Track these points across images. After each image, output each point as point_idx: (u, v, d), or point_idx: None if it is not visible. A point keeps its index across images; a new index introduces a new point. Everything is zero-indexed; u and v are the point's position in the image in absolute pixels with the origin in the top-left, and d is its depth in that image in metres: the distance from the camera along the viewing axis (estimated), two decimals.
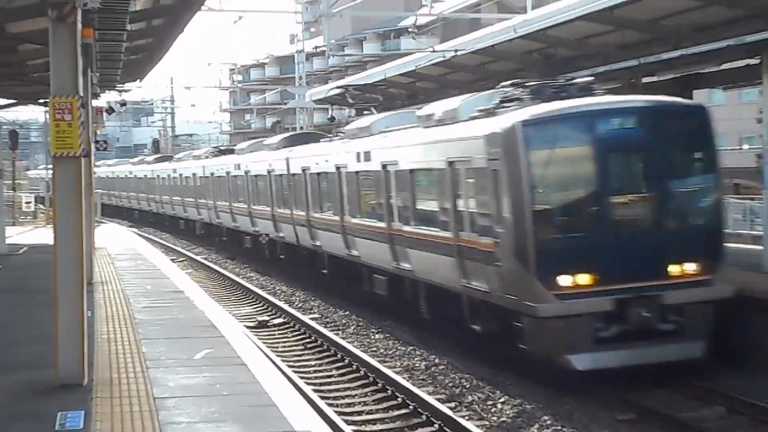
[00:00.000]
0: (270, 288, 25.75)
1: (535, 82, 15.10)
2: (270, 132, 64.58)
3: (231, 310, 21.14)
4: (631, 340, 13.09)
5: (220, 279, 27.94)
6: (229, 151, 38.46)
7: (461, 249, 15.23)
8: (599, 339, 13.04)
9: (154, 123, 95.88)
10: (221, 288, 26.12)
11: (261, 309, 22.24)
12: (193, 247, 39.50)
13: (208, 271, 30.14)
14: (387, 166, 18.68)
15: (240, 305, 22.98)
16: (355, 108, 26.64)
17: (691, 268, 13.54)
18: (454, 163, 15.35)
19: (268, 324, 20.12)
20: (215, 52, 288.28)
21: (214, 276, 28.76)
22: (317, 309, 21.83)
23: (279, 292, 24.92)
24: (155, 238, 42.10)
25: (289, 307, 21.60)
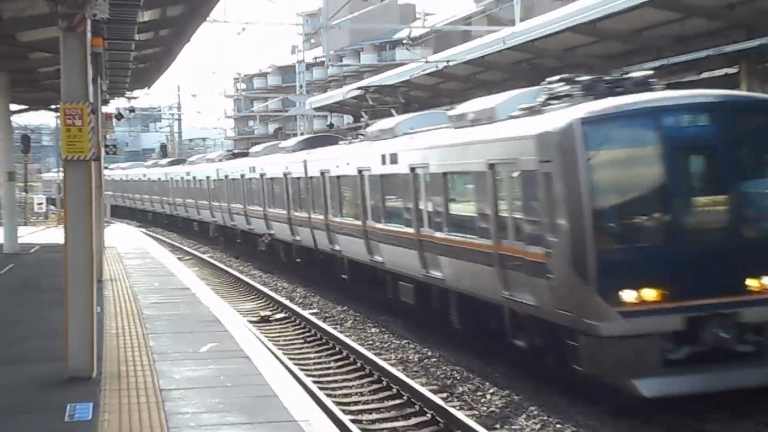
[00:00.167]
0: (272, 285, 25.69)
1: (588, 77, 13.06)
2: (272, 137, 64.59)
3: (235, 305, 21.08)
4: (705, 364, 11.10)
5: (225, 276, 27.87)
6: (243, 154, 37.16)
7: (503, 258, 13.23)
8: (668, 362, 11.03)
9: (161, 128, 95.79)
10: (226, 285, 26.05)
11: (263, 305, 22.19)
12: (200, 246, 39.43)
13: (214, 269, 30.08)
14: (416, 169, 16.73)
15: (243, 301, 22.92)
16: (366, 111, 24.89)
17: None
18: (496, 165, 13.34)
19: (270, 319, 20.08)
20: (220, 62, 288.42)
21: (219, 273, 28.69)
22: (317, 304, 21.78)
23: (280, 288, 24.87)
24: (163, 238, 42.02)
25: (290, 302, 21.55)
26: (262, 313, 20.49)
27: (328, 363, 15.63)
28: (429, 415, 11.75)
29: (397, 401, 12.72)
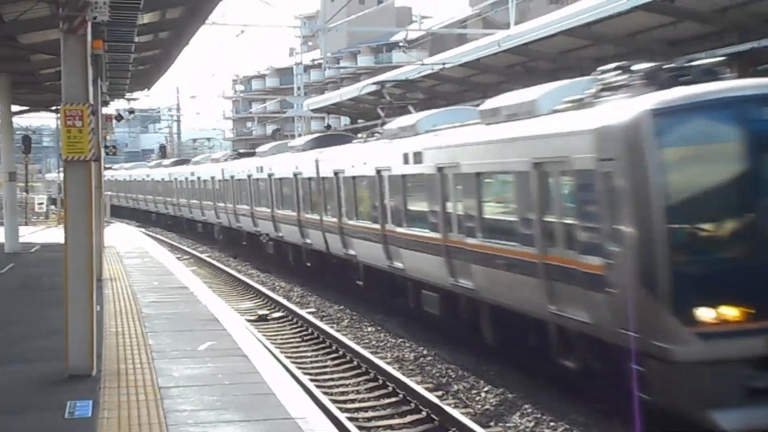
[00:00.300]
0: (269, 284, 25.69)
1: (647, 65, 11.24)
2: (270, 139, 64.59)
3: (233, 304, 21.08)
4: None
5: (223, 276, 27.87)
6: (250, 153, 35.76)
7: (550, 269, 11.67)
8: (752, 391, 9.50)
9: (160, 129, 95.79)
10: (224, 284, 26.05)
11: (261, 304, 22.19)
12: (198, 245, 39.42)
13: (212, 268, 30.07)
14: (443, 169, 15.21)
15: (241, 300, 22.92)
16: (382, 108, 23.53)
17: None
18: (543, 164, 11.77)
19: (268, 318, 20.09)
20: (219, 64, 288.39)
21: (218, 273, 28.69)
22: (314, 303, 21.79)
23: (278, 287, 24.87)
24: (162, 238, 42.00)
25: (287, 301, 21.56)
26: (260, 312, 20.49)
27: (325, 361, 15.64)
28: (424, 412, 11.77)
29: (392, 399, 12.74)
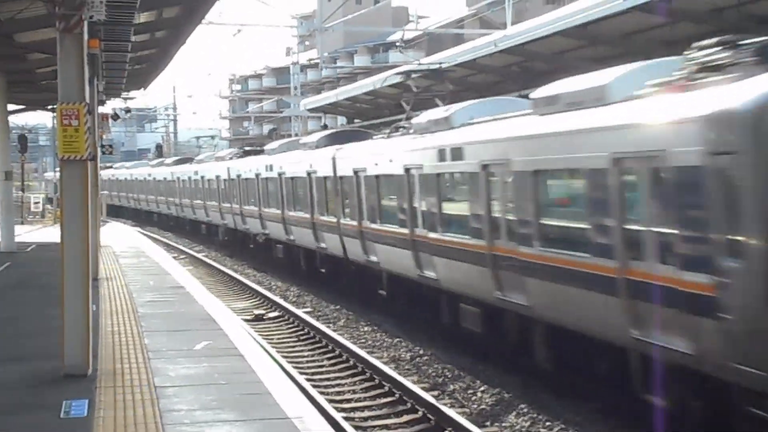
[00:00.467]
0: (266, 284, 25.66)
1: (756, 39, 9.13)
2: (267, 138, 64.56)
3: (229, 304, 21.05)
4: None
5: (220, 275, 27.83)
6: (256, 151, 33.78)
7: (634, 286, 9.84)
8: None
9: (157, 129, 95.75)
10: (220, 284, 26.01)
11: (257, 303, 22.17)
12: (194, 245, 39.36)
13: (208, 267, 30.03)
14: (489, 167, 13.41)
15: (238, 300, 22.89)
16: (406, 101, 22.15)
17: None
18: (625, 160, 9.91)
19: (264, 317, 20.05)
20: (215, 63, 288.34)
21: (214, 272, 28.65)
22: (310, 303, 21.76)
23: (274, 287, 24.85)
24: (158, 237, 41.94)
25: (283, 301, 21.54)
26: (256, 312, 20.47)
27: (321, 361, 15.62)
28: (420, 412, 11.74)
29: (389, 399, 12.72)
